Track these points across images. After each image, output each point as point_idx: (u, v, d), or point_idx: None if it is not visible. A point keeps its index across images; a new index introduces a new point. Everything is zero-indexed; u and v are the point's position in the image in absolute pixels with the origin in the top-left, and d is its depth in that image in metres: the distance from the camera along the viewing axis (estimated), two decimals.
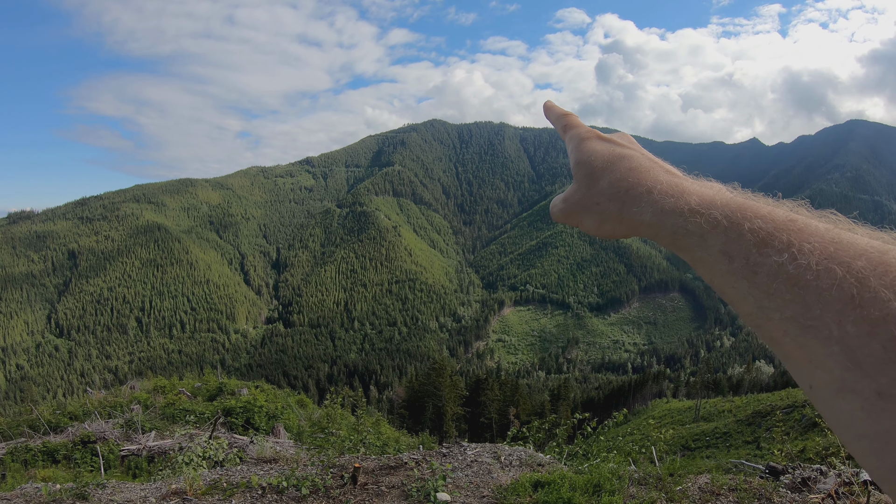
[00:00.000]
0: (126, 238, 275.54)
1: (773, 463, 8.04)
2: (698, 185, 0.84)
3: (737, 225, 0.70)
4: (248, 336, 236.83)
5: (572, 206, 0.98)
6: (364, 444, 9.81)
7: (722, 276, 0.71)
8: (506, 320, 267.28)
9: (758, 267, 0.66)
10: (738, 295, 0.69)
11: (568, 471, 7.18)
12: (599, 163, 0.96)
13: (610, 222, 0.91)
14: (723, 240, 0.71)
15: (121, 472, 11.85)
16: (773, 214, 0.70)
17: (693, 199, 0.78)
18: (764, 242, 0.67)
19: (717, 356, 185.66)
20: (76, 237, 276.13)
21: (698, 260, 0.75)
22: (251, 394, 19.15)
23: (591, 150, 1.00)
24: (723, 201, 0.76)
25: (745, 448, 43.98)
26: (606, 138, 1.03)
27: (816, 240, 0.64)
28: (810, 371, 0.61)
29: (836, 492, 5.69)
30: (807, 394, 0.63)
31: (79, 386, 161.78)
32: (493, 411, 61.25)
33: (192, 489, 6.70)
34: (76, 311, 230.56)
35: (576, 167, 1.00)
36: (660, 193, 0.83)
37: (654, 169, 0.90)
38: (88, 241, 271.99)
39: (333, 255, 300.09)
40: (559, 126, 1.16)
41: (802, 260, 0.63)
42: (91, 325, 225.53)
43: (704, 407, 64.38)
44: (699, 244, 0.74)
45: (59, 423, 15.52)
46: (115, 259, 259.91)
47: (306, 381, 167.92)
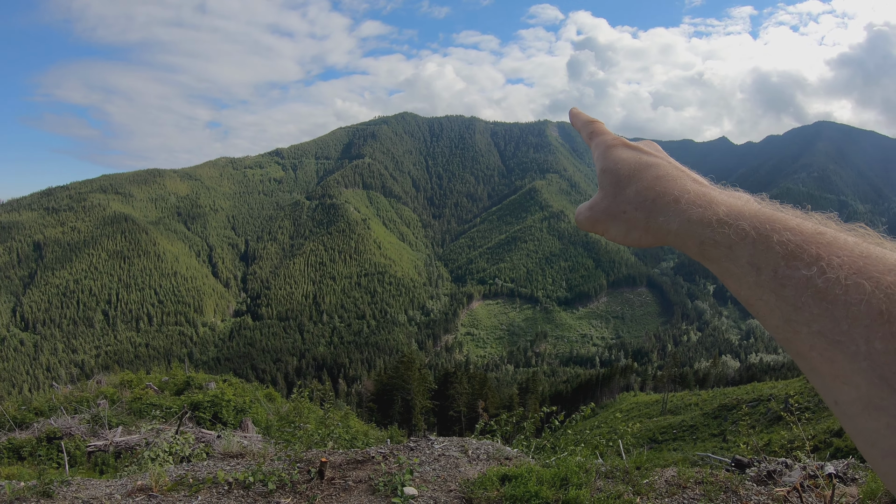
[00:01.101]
0: (93, 229, 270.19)
1: (739, 456, 8.11)
2: (726, 195, 0.83)
3: (765, 237, 0.70)
4: (216, 329, 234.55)
5: (599, 213, 0.98)
6: (332, 438, 9.72)
7: (749, 287, 0.70)
8: (474, 314, 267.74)
9: (786, 280, 0.66)
10: (766, 307, 0.68)
11: (535, 464, 7.18)
12: (626, 171, 0.95)
13: (636, 231, 0.91)
14: (751, 251, 0.70)
15: (87, 468, 11.68)
16: (802, 227, 0.70)
17: (721, 209, 0.78)
18: (793, 255, 0.66)
19: (683, 350, 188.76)
20: (42, 228, 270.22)
21: (725, 271, 0.74)
22: (219, 388, 19.02)
23: (617, 157, 0.99)
24: (751, 212, 0.75)
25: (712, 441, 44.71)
26: (633, 146, 1.03)
27: (845, 253, 0.63)
28: (837, 387, 0.60)
29: (802, 485, 5.73)
30: (832, 409, 0.62)
31: (45, 381, 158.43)
32: (461, 405, 61.47)
33: (158, 485, 6.59)
34: (42, 303, 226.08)
35: (602, 175, 1.00)
36: (687, 203, 0.82)
37: (682, 178, 0.89)
38: (54, 232, 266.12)
39: (302, 248, 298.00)
40: (585, 133, 1.16)
41: (831, 274, 0.62)
42: (57, 318, 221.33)
43: (671, 400, 65.33)
44: (727, 255, 0.73)
45: (25, 418, 15.32)
46: (81, 251, 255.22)
47: (275, 374, 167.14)
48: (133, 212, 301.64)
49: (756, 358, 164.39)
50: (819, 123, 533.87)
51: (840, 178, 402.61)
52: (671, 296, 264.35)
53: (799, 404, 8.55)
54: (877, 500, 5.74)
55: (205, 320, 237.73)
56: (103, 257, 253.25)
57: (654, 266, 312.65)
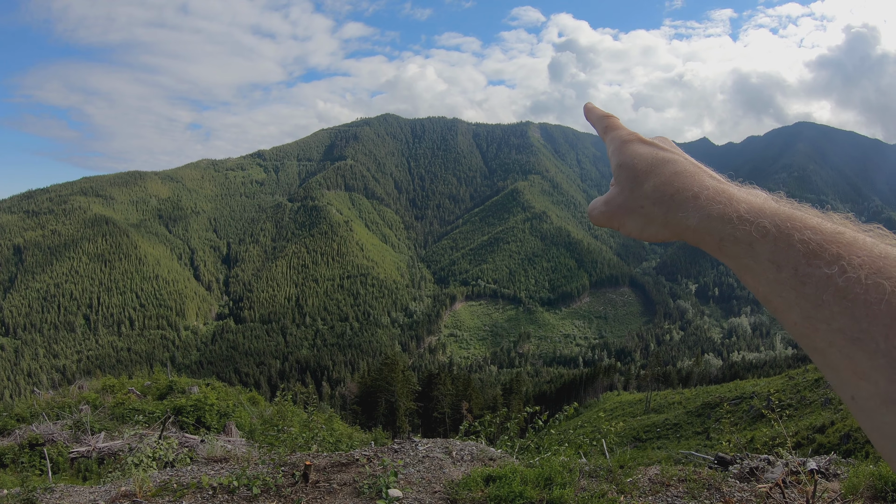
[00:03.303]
0: (73, 232, 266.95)
1: (722, 453, 8.16)
2: (745, 192, 0.84)
3: (786, 235, 0.71)
4: (199, 333, 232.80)
5: (615, 208, 0.98)
6: (316, 441, 9.70)
7: (769, 284, 0.71)
8: (457, 315, 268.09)
9: (806, 277, 0.66)
10: (784, 304, 0.69)
11: (519, 465, 7.20)
12: (643, 166, 0.95)
13: (654, 225, 0.91)
14: (771, 249, 0.71)
15: (70, 475, 11.67)
16: (822, 226, 0.70)
17: (742, 206, 0.78)
18: (814, 254, 0.67)
19: (666, 349, 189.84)
20: (22, 231, 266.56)
21: (745, 267, 0.75)
22: (202, 392, 19.01)
23: (634, 152, 0.99)
24: (771, 210, 0.76)
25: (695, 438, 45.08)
26: (649, 141, 1.02)
27: (865, 253, 0.65)
28: (855, 382, 0.61)
29: (784, 481, 5.76)
30: (847, 404, 0.63)
31: (26, 386, 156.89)
32: (445, 406, 61.49)
33: (142, 491, 6.56)
34: (22, 308, 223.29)
35: (618, 169, 1.00)
36: (706, 199, 0.83)
37: (700, 174, 0.90)
38: (34, 235, 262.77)
39: (284, 250, 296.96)
40: (600, 127, 1.16)
41: (852, 273, 0.63)
42: (38, 322, 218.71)
43: (655, 399, 65.76)
44: (747, 252, 0.74)
45: (6, 425, 15.28)
46: (62, 254, 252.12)
47: (258, 377, 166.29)
48: (114, 214, 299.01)
49: (738, 356, 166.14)
50: (799, 124, 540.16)
51: (820, 177, 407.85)
52: (653, 295, 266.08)
53: (781, 402, 8.63)
54: (858, 494, 5.79)
55: (187, 324, 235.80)
56: (84, 261, 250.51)
57: (637, 266, 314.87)
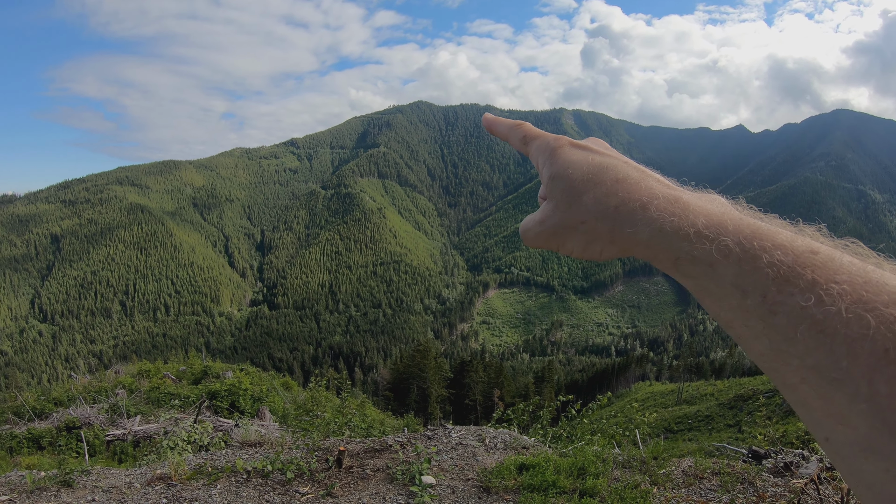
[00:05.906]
0: (109, 221, 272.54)
1: (755, 447, 8.08)
2: (700, 199, 0.71)
3: (752, 256, 0.60)
4: (233, 318, 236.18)
5: (553, 227, 0.81)
6: (349, 426, 9.78)
7: (732, 310, 0.61)
8: (490, 302, 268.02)
9: (777, 307, 0.57)
10: (750, 333, 0.60)
11: (552, 453, 7.19)
12: (579, 175, 0.78)
13: (599, 243, 0.76)
14: (735, 272, 0.60)
15: (106, 457, 11.80)
16: (793, 244, 0.60)
17: (700, 219, 0.66)
18: (785, 279, 0.57)
19: (699, 340, 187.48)
20: (59, 221, 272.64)
21: (703, 289, 0.64)
22: (236, 377, 19.11)
23: (567, 160, 0.81)
24: (734, 224, 0.64)
25: (727, 431, 44.46)
26: (581, 145, 0.85)
27: (845, 279, 0.55)
28: (830, 425, 0.54)
29: (819, 477, 5.71)
30: (820, 444, 0.57)
31: (63, 371, 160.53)
32: (477, 393, 61.51)
33: (177, 474, 6.62)
34: (60, 295, 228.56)
35: (551, 182, 0.82)
36: (657, 210, 0.69)
37: (646, 179, 0.75)
38: (71, 224, 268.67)
39: (318, 237, 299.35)
40: (515, 138, 0.95)
41: (831, 305, 0.54)
42: (75, 309, 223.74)
43: (687, 390, 64.95)
44: (707, 273, 0.63)
45: (44, 409, 15.52)
46: (98, 242, 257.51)
47: (291, 363, 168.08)
48: (149, 203, 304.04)
49: None
50: (837, 111, 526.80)
51: (857, 166, 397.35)
52: None
53: None
54: None
55: (221, 310, 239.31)
56: (120, 248, 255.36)
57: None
